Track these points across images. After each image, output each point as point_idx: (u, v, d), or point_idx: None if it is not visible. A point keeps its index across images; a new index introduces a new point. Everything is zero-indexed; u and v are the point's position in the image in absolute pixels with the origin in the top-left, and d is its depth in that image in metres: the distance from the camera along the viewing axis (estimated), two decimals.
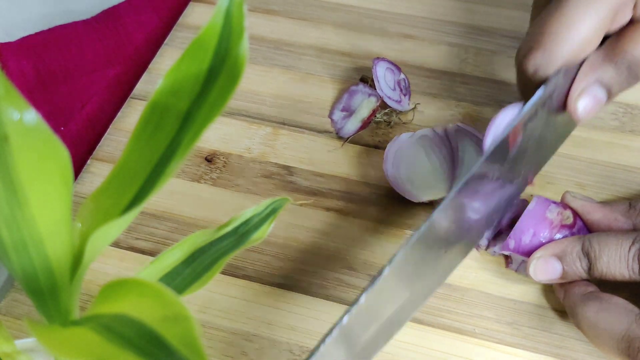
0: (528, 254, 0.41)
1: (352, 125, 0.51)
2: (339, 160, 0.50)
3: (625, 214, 0.41)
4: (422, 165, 0.47)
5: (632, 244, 0.38)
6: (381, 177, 0.48)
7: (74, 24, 0.59)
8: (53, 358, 0.26)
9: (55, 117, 0.54)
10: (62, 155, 0.23)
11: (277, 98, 0.54)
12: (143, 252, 0.46)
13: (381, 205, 0.47)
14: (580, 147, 0.49)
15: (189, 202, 0.48)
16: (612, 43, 0.40)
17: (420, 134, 0.48)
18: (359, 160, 0.50)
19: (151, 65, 0.57)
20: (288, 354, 0.41)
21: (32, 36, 0.57)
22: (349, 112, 0.52)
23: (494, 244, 0.43)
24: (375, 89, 0.51)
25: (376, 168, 0.49)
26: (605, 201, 0.44)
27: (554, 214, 0.41)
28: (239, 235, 0.31)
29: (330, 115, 0.53)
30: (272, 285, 0.44)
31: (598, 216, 0.41)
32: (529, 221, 0.41)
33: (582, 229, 0.42)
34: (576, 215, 0.42)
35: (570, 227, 0.41)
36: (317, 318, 0.43)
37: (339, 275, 0.44)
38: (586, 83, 0.40)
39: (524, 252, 0.41)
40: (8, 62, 0.55)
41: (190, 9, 0.61)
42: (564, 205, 0.42)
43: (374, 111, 0.51)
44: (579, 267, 0.39)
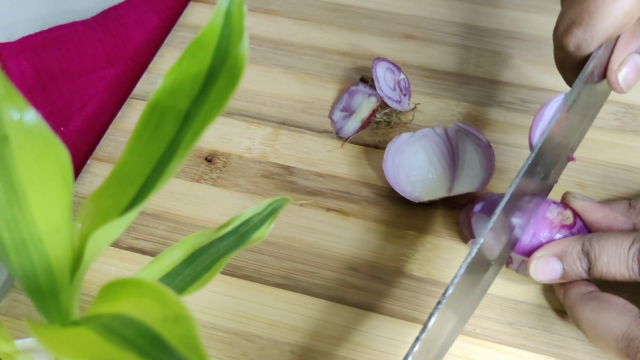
0: (528, 254, 0.41)
1: (352, 125, 0.51)
2: (339, 160, 0.50)
3: (625, 214, 0.41)
4: (422, 166, 0.47)
5: (632, 244, 0.38)
6: (381, 177, 0.48)
7: (74, 24, 0.59)
8: (53, 358, 0.26)
9: (55, 117, 0.54)
10: (62, 155, 0.23)
11: (277, 98, 0.54)
12: (143, 252, 0.46)
13: (381, 205, 0.47)
14: (581, 147, 0.49)
15: (189, 202, 0.48)
16: None
17: (420, 134, 0.48)
18: (359, 160, 0.50)
19: (151, 65, 0.57)
20: (289, 354, 0.41)
21: (32, 36, 0.57)
22: (349, 112, 0.52)
23: None
24: (375, 89, 0.51)
25: (376, 168, 0.49)
26: (605, 201, 0.44)
27: (554, 214, 0.41)
28: (239, 235, 0.31)
29: (330, 115, 0.53)
30: (272, 285, 0.44)
31: (598, 216, 0.41)
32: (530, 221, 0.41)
33: (582, 229, 0.42)
34: (576, 215, 0.42)
35: (570, 227, 0.41)
36: (318, 318, 0.43)
37: (340, 275, 0.44)
38: (627, 53, 0.39)
39: (524, 252, 0.41)
40: (8, 62, 0.55)
41: (190, 9, 0.61)
42: (564, 205, 0.42)
43: (374, 111, 0.51)
44: (579, 267, 0.39)
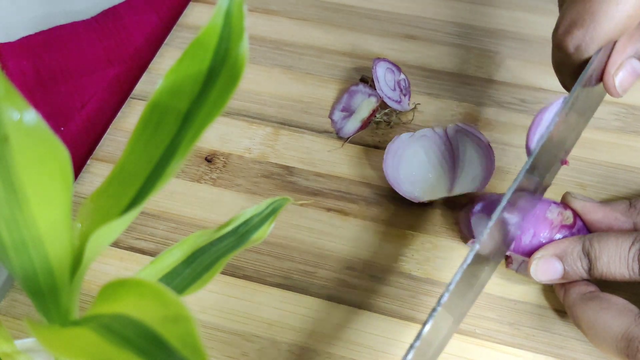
0: (528, 254, 0.41)
1: (352, 126, 0.51)
2: (339, 160, 0.50)
3: (625, 213, 0.41)
4: (422, 166, 0.47)
5: (632, 244, 0.38)
6: (381, 177, 0.48)
7: (74, 24, 0.59)
8: (53, 358, 0.26)
9: (55, 117, 0.54)
10: (62, 155, 0.23)
11: (277, 98, 0.54)
12: (143, 252, 0.46)
13: (381, 205, 0.47)
14: (582, 147, 0.49)
15: (189, 202, 0.48)
16: None
17: (420, 134, 0.48)
18: (359, 160, 0.50)
19: (151, 65, 0.57)
20: (288, 354, 0.41)
21: (32, 36, 0.57)
22: (349, 112, 0.52)
23: None
24: (375, 89, 0.51)
25: (376, 168, 0.49)
26: (606, 201, 0.44)
27: (554, 214, 0.41)
28: (239, 235, 0.31)
29: (330, 116, 0.53)
30: (272, 285, 0.44)
31: (598, 216, 0.41)
32: (529, 221, 0.41)
33: (582, 229, 0.42)
34: (576, 215, 0.42)
35: (570, 227, 0.41)
36: (318, 318, 0.43)
37: (339, 275, 0.44)
38: (624, 56, 0.39)
39: (524, 252, 0.41)
40: (8, 62, 0.55)
41: (190, 9, 0.61)
42: (564, 205, 0.42)
43: (374, 111, 0.51)
44: (580, 267, 0.39)
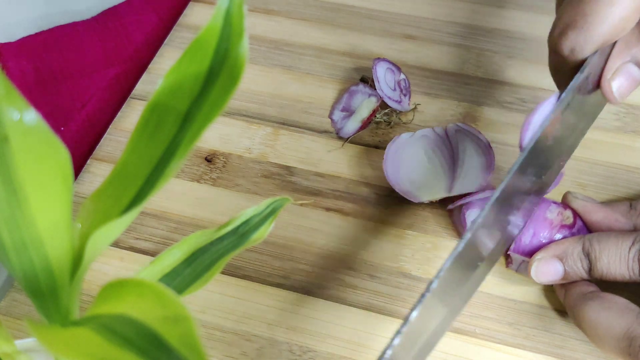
0: (528, 254, 0.41)
1: (352, 126, 0.51)
2: (339, 160, 0.50)
3: (625, 215, 0.41)
4: (422, 165, 0.47)
5: (632, 244, 0.38)
6: (381, 177, 0.48)
7: (74, 24, 0.59)
8: (53, 358, 0.26)
9: (55, 117, 0.54)
10: (62, 155, 0.23)
11: (277, 98, 0.54)
12: (143, 252, 0.46)
13: (381, 205, 0.47)
14: (582, 147, 0.49)
15: (189, 202, 0.48)
16: None
17: (420, 134, 0.48)
18: (359, 160, 0.50)
19: (151, 65, 0.57)
20: (288, 354, 0.41)
21: (32, 36, 0.57)
22: (349, 112, 0.52)
23: None
24: (375, 89, 0.51)
25: (376, 168, 0.49)
26: (606, 202, 0.44)
27: (554, 214, 0.41)
28: (239, 235, 0.31)
29: (330, 115, 0.53)
30: (272, 285, 0.44)
31: (599, 216, 0.41)
32: (529, 221, 0.41)
33: (582, 229, 0.42)
34: (576, 215, 0.42)
35: (570, 227, 0.41)
36: (317, 318, 0.43)
37: (339, 275, 0.44)
38: (621, 62, 0.38)
39: (524, 252, 0.41)
40: (8, 62, 0.55)
41: (190, 9, 0.61)
42: (564, 205, 0.42)
43: (374, 111, 0.51)
44: (580, 267, 0.39)
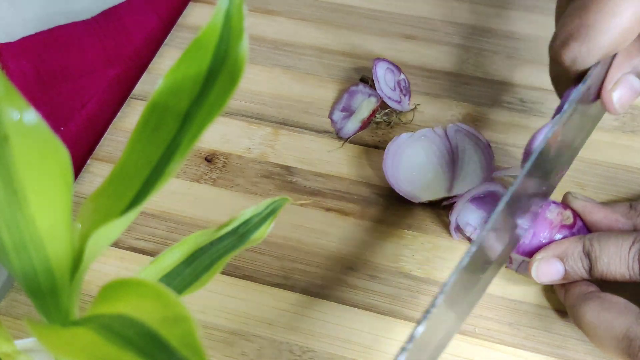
0: (528, 254, 0.41)
1: (352, 126, 0.51)
2: (339, 160, 0.50)
3: (625, 215, 0.41)
4: (422, 166, 0.47)
5: (632, 244, 0.38)
6: (381, 177, 0.48)
7: (74, 24, 0.59)
8: (53, 358, 0.26)
9: (55, 117, 0.54)
10: (62, 155, 0.23)
11: (277, 98, 0.54)
12: (143, 252, 0.46)
13: (381, 205, 0.47)
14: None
15: (189, 202, 0.48)
16: None
17: (420, 134, 0.48)
18: (359, 160, 0.50)
19: (151, 65, 0.57)
20: (288, 354, 0.41)
21: (32, 36, 0.57)
22: (349, 112, 0.52)
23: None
24: (375, 89, 0.51)
25: (376, 168, 0.49)
26: (606, 202, 0.44)
27: (554, 214, 0.41)
28: (239, 235, 0.31)
29: (330, 116, 0.53)
30: (272, 285, 0.44)
31: (598, 217, 0.41)
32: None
33: (582, 229, 0.42)
34: (576, 215, 0.42)
35: (570, 227, 0.41)
36: (317, 318, 0.43)
37: (339, 275, 0.44)
38: (621, 73, 0.38)
39: (524, 252, 0.41)
40: (8, 62, 0.55)
41: (190, 9, 0.61)
42: (563, 205, 0.42)
43: (374, 111, 0.51)
44: (580, 267, 0.39)
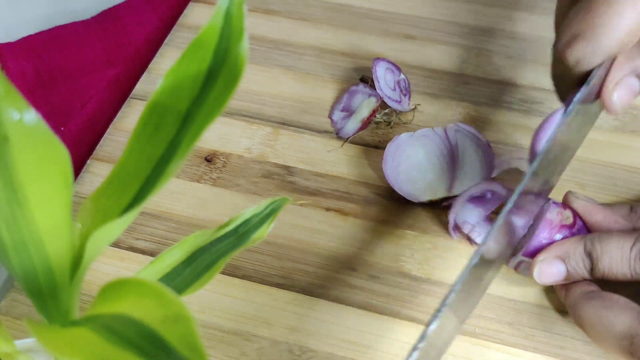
0: (528, 254, 0.41)
1: (352, 126, 0.51)
2: (339, 160, 0.50)
3: (626, 217, 0.41)
4: (422, 165, 0.47)
5: (634, 244, 0.38)
6: (381, 177, 0.48)
7: (74, 24, 0.59)
8: (53, 358, 0.26)
9: (55, 117, 0.54)
10: (62, 155, 0.23)
11: (277, 98, 0.54)
12: (143, 252, 0.46)
13: (381, 205, 0.47)
14: (581, 147, 0.49)
15: (189, 202, 0.48)
16: None
17: (420, 134, 0.48)
18: (359, 160, 0.50)
19: (151, 65, 0.57)
20: (288, 354, 0.41)
21: (32, 36, 0.57)
22: (349, 112, 0.52)
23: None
24: (375, 89, 0.51)
25: (376, 168, 0.49)
26: (607, 203, 0.44)
27: (554, 214, 0.41)
28: (239, 235, 0.31)
29: (330, 115, 0.53)
30: (272, 285, 0.44)
31: (599, 217, 0.41)
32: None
33: (582, 229, 0.42)
34: (576, 215, 0.42)
35: (570, 227, 0.41)
36: (317, 318, 0.43)
37: (339, 275, 0.44)
38: (622, 74, 0.39)
39: (524, 252, 0.41)
40: (8, 62, 0.55)
41: (190, 9, 0.61)
42: (563, 205, 0.42)
43: (374, 111, 0.51)
44: (582, 267, 0.39)
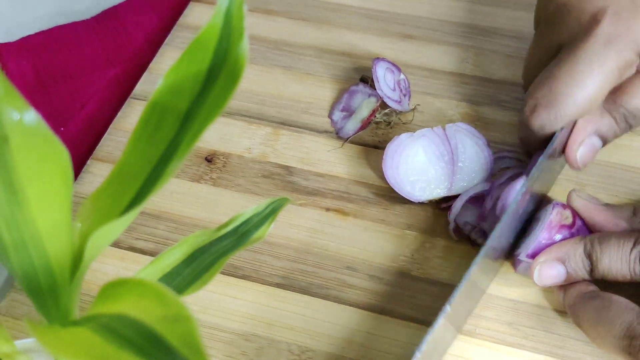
0: (528, 255, 0.41)
1: (352, 126, 0.51)
2: (339, 160, 0.50)
3: (627, 220, 0.41)
4: (421, 165, 0.47)
5: (634, 245, 0.38)
6: (381, 177, 0.48)
7: (74, 24, 0.59)
8: (53, 358, 0.26)
9: (55, 117, 0.54)
10: (62, 155, 0.23)
11: (277, 98, 0.54)
12: (143, 252, 0.46)
13: (381, 205, 0.47)
14: None
15: (189, 202, 0.48)
16: (611, 96, 0.42)
17: (420, 134, 0.48)
18: (359, 160, 0.50)
19: (151, 65, 0.57)
20: (287, 353, 0.41)
21: (32, 36, 0.57)
22: (349, 112, 0.52)
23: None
24: (375, 89, 0.51)
25: (376, 168, 0.49)
26: (609, 204, 0.44)
27: (554, 213, 0.41)
28: (239, 235, 0.31)
29: (330, 115, 0.53)
30: (271, 285, 0.44)
31: (599, 219, 0.41)
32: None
33: (582, 229, 0.41)
34: (575, 214, 0.42)
35: (569, 227, 0.41)
36: (317, 318, 0.43)
37: (339, 275, 0.44)
38: (585, 134, 0.42)
39: (524, 253, 0.41)
40: (8, 62, 0.55)
41: (190, 9, 0.61)
42: (563, 204, 0.42)
43: (374, 111, 0.51)
44: (582, 269, 0.39)
